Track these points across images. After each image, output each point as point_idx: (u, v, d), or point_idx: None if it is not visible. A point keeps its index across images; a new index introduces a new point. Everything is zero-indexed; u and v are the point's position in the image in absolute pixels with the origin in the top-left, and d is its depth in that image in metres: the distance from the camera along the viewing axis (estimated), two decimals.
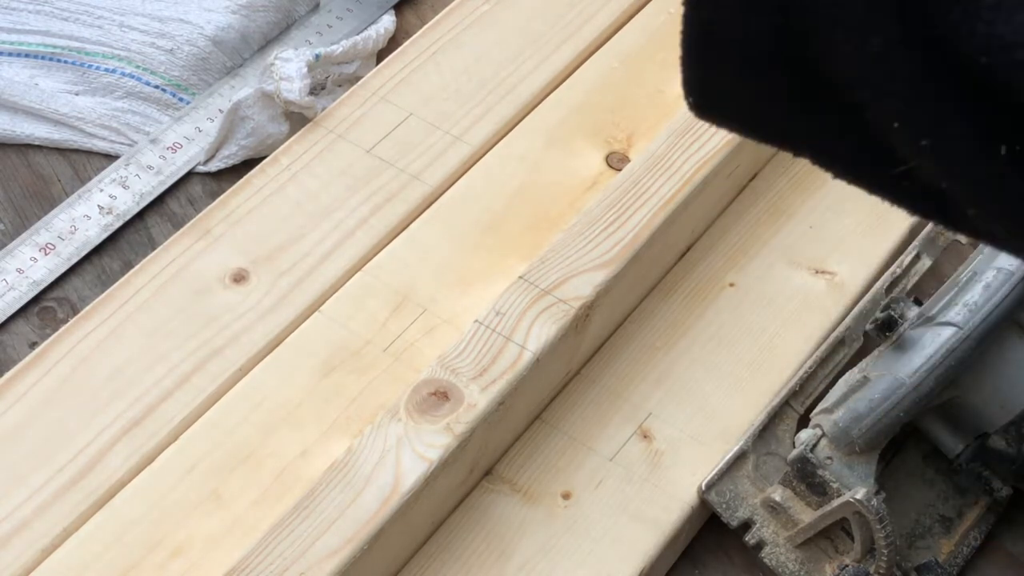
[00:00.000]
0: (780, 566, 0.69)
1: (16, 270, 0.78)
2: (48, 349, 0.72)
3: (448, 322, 0.74)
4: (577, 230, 0.74)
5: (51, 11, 0.89)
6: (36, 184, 0.84)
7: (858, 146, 0.37)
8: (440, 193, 0.80)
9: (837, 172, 0.39)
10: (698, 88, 0.40)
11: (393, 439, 0.65)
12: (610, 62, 0.87)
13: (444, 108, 0.84)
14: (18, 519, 0.66)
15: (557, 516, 0.70)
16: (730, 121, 0.41)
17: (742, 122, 0.40)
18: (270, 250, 0.77)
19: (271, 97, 0.82)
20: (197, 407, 0.70)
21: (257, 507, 0.67)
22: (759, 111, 0.39)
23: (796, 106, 0.38)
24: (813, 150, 0.39)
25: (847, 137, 0.37)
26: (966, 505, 0.72)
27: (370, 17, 0.92)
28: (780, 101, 0.38)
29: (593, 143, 0.83)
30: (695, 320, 0.77)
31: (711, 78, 0.40)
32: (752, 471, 0.71)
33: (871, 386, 0.68)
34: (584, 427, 0.73)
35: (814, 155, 0.39)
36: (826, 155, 0.39)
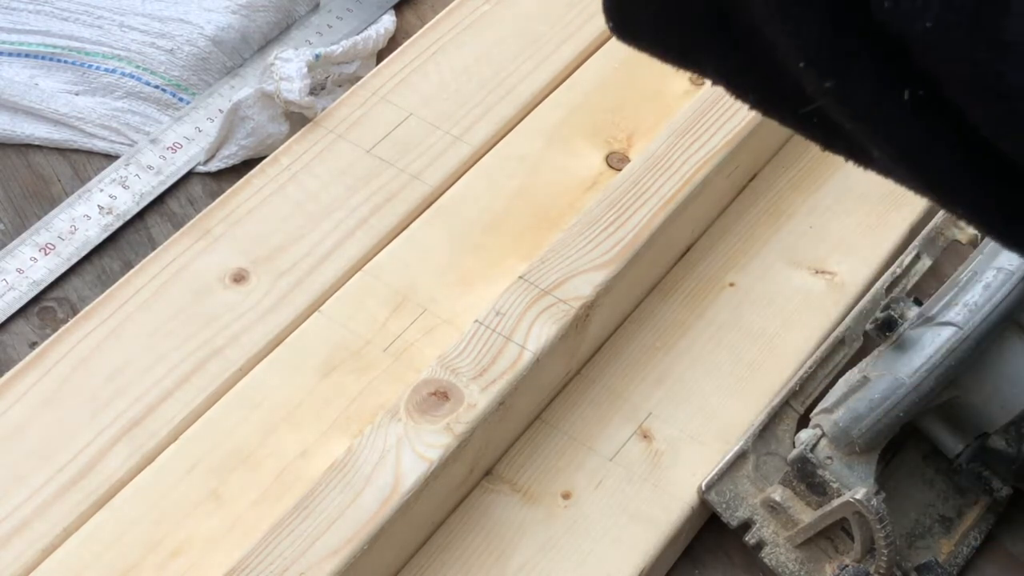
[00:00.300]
0: (780, 566, 0.69)
1: (16, 270, 0.78)
2: (48, 349, 0.72)
3: (448, 322, 0.74)
4: (577, 230, 0.74)
5: (51, 11, 0.89)
6: (36, 184, 0.84)
7: (769, 82, 0.38)
8: (440, 193, 0.80)
9: (751, 104, 0.40)
10: (618, 14, 0.41)
11: (393, 439, 0.65)
12: (610, 62, 0.87)
13: (444, 108, 0.84)
14: (18, 519, 0.66)
15: (557, 516, 0.70)
16: (648, 45, 0.41)
17: (658, 46, 0.41)
18: (270, 250, 0.77)
19: (271, 97, 0.82)
20: (197, 407, 0.70)
21: (257, 507, 0.67)
22: (675, 36, 0.40)
23: (709, 36, 0.38)
24: (726, 81, 0.40)
25: (758, 73, 0.38)
26: (966, 505, 0.72)
27: (370, 17, 0.92)
28: (696, 37, 0.39)
29: (593, 143, 0.83)
30: (695, 320, 0.77)
31: (630, 7, 0.40)
32: (752, 471, 0.71)
33: (871, 386, 0.68)
34: (584, 427, 0.73)
35: (728, 85, 0.40)
36: (738, 87, 0.40)
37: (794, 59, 0.35)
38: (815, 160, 0.85)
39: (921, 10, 0.32)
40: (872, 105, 0.34)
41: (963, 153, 0.34)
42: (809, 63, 0.35)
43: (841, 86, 0.35)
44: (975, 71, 0.32)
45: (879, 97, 0.34)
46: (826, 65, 0.35)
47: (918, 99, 0.34)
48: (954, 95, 0.33)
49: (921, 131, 0.34)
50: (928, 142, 0.34)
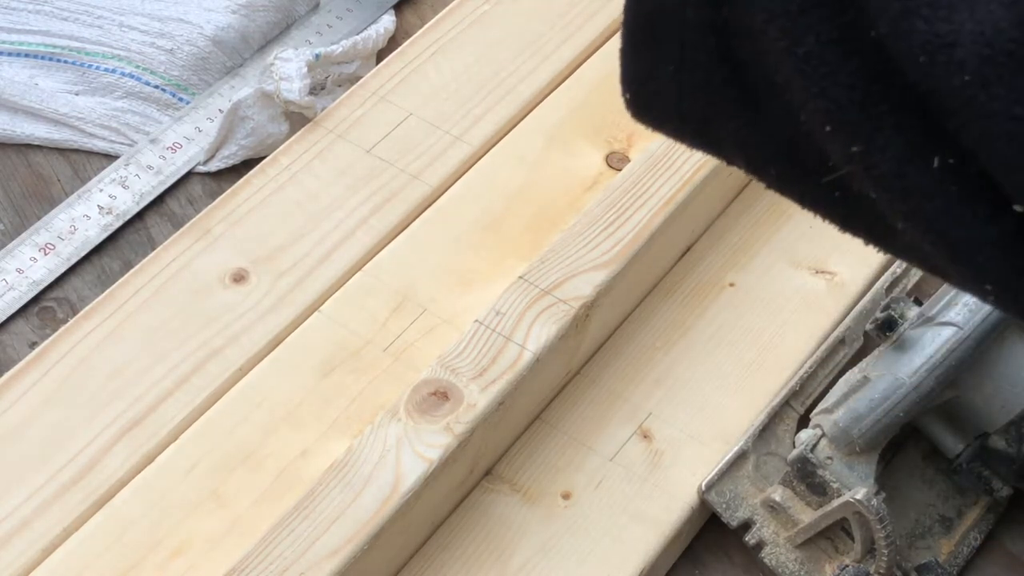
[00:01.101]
0: (780, 566, 0.69)
1: (16, 270, 0.78)
2: (48, 349, 0.72)
3: (448, 322, 0.74)
4: (577, 230, 0.74)
5: (51, 11, 0.89)
6: (36, 184, 0.84)
7: (790, 153, 0.36)
8: (440, 193, 0.80)
9: (769, 181, 0.38)
10: (635, 84, 0.40)
11: (393, 439, 0.65)
12: (610, 62, 0.87)
13: (444, 108, 0.84)
14: (18, 519, 0.66)
15: (557, 516, 0.70)
16: (664, 123, 0.40)
17: (676, 125, 0.40)
18: (270, 250, 0.77)
19: (271, 97, 0.82)
20: (197, 407, 0.70)
21: (257, 507, 0.67)
22: (693, 111, 0.38)
23: (731, 106, 0.37)
24: (746, 157, 0.38)
25: (779, 143, 0.36)
26: (966, 505, 0.72)
27: (370, 17, 0.92)
28: (715, 100, 0.37)
29: (593, 143, 0.83)
30: (695, 320, 0.77)
31: (648, 73, 0.39)
32: (752, 471, 0.71)
33: (871, 386, 0.68)
34: (584, 427, 0.73)
35: (747, 163, 0.38)
36: (758, 161, 0.38)
37: (820, 123, 0.34)
38: None
39: (958, 65, 0.30)
40: (900, 172, 0.33)
41: (995, 225, 0.32)
42: (836, 127, 0.34)
43: (868, 152, 0.33)
44: (1013, 129, 0.30)
45: (907, 164, 0.33)
46: (853, 129, 0.33)
47: (948, 167, 0.32)
48: (988, 160, 0.31)
49: (950, 200, 0.33)
50: (957, 212, 0.33)
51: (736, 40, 0.36)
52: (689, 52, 0.37)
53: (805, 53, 0.33)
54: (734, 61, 0.36)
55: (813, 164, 0.36)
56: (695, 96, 0.38)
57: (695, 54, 0.37)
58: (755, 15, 0.34)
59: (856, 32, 0.33)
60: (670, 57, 0.38)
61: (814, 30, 0.33)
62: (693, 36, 0.37)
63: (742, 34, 0.35)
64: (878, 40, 0.32)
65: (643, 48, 0.39)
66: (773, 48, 0.34)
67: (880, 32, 0.32)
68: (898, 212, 0.34)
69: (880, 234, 0.36)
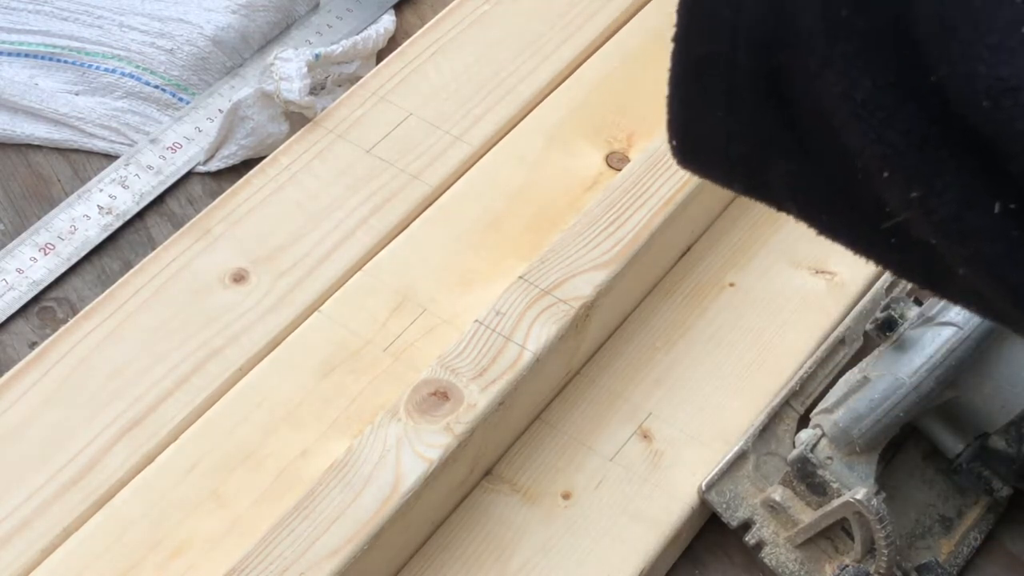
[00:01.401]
0: (780, 566, 0.69)
1: (16, 270, 0.78)
2: (48, 349, 0.72)
3: (448, 322, 0.74)
4: (577, 230, 0.74)
5: (51, 11, 0.89)
6: (36, 184, 0.84)
7: (845, 197, 0.36)
8: (440, 193, 0.80)
9: (820, 227, 0.38)
10: (682, 130, 0.39)
11: (393, 439, 0.65)
12: (610, 62, 0.87)
13: (444, 108, 0.84)
14: (18, 519, 0.66)
15: (557, 516, 0.70)
16: (712, 168, 0.39)
17: (725, 169, 0.39)
18: (270, 250, 0.77)
19: (271, 97, 0.82)
20: (197, 407, 0.70)
21: (257, 507, 0.67)
22: (744, 156, 0.38)
23: (782, 151, 0.36)
24: (797, 203, 0.38)
25: (833, 186, 0.36)
26: (966, 505, 0.72)
27: (370, 17, 0.92)
28: (765, 145, 0.37)
29: (593, 143, 0.83)
30: (695, 320, 0.77)
31: (697, 119, 0.38)
32: (752, 471, 0.71)
33: (871, 386, 0.68)
34: (584, 427, 0.73)
35: (798, 208, 0.38)
36: (810, 208, 0.37)
37: (877, 168, 0.33)
38: None
39: (1022, 109, 0.30)
40: (960, 217, 0.33)
41: None
42: (893, 172, 0.33)
43: (927, 197, 0.33)
44: None
45: (968, 208, 0.32)
46: (911, 174, 0.33)
47: (1009, 211, 0.32)
48: None
49: (1012, 244, 0.32)
50: (1019, 256, 0.32)
51: (788, 85, 0.35)
52: (738, 97, 0.36)
53: (862, 98, 0.33)
54: (785, 106, 0.35)
55: (869, 210, 0.35)
56: (744, 141, 0.37)
57: (744, 99, 0.36)
58: (810, 60, 0.34)
59: (914, 76, 0.32)
60: (718, 102, 0.37)
61: (871, 74, 0.33)
62: (742, 80, 0.36)
63: (795, 79, 0.35)
64: (937, 84, 0.32)
65: (691, 93, 0.38)
66: (829, 93, 0.34)
67: (940, 76, 0.32)
68: (958, 257, 0.33)
69: (938, 279, 0.36)
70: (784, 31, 0.34)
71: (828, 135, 0.35)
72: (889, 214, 0.34)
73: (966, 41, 0.31)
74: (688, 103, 0.39)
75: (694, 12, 0.37)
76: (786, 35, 0.34)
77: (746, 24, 0.35)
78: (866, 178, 0.34)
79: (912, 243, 0.35)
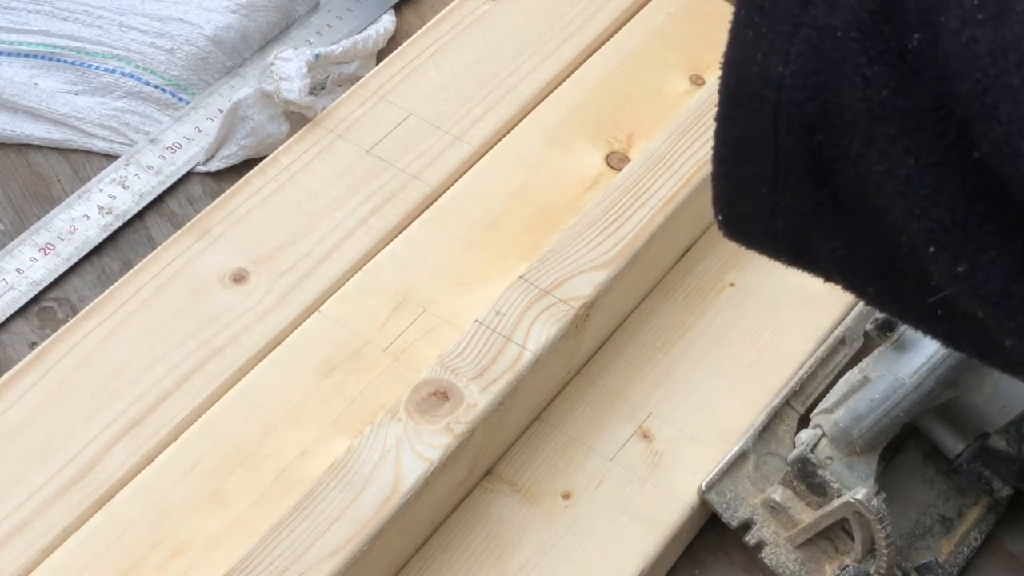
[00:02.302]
0: (780, 566, 0.69)
1: (16, 270, 0.78)
2: (48, 349, 0.72)
3: (448, 322, 0.74)
4: (577, 230, 0.74)
5: (51, 11, 0.89)
6: (36, 184, 0.84)
7: (890, 272, 0.36)
8: (440, 193, 0.80)
9: (868, 299, 0.38)
10: (728, 205, 0.40)
11: (393, 439, 0.65)
12: (610, 62, 0.87)
13: (444, 108, 0.84)
14: (18, 519, 0.66)
15: (557, 516, 0.70)
16: (759, 242, 0.40)
17: (771, 244, 0.39)
18: (270, 250, 0.77)
19: (271, 97, 0.82)
20: (197, 407, 0.70)
21: (257, 507, 0.67)
22: (790, 232, 0.38)
23: (827, 228, 0.37)
24: (844, 276, 0.38)
25: (878, 262, 0.36)
26: (966, 505, 0.72)
27: (370, 17, 0.92)
28: (811, 223, 0.37)
29: (593, 143, 0.83)
30: (695, 320, 0.77)
31: (741, 195, 0.39)
32: (752, 471, 0.71)
33: (871, 386, 0.68)
34: (584, 427, 0.73)
35: (845, 282, 0.38)
36: (857, 281, 0.38)
37: (923, 244, 0.34)
38: None
39: None
40: (1007, 291, 0.33)
41: None
42: (939, 248, 0.33)
43: (973, 271, 0.33)
44: None
45: (1014, 282, 0.33)
46: (957, 249, 0.33)
47: None
48: None
49: None
50: None
51: (832, 164, 0.35)
52: (782, 175, 0.37)
53: (906, 176, 0.33)
54: (830, 184, 0.36)
55: (915, 283, 0.35)
56: (789, 217, 0.38)
57: (788, 177, 0.37)
58: (852, 140, 0.34)
59: (958, 154, 0.32)
60: (762, 180, 0.37)
61: (914, 153, 0.33)
62: (786, 160, 0.36)
63: (838, 158, 0.35)
64: (981, 161, 0.32)
65: (734, 171, 0.39)
66: (872, 172, 0.34)
67: (983, 153, 0.32)
68: (1005, 329, 0.34)
69: (986, 350, 0.36)
70: (826, 113, 0.35)
71: (873, 212, 0.35)
72: (935, 288, 0.35)
73: (1007, 119, 0.31)
74: (732, 180, 0.39)
75: (735, 93, 0.37)
76: (828, 117, 0.35)
77: (787, 105, 0.36)
78: (912, 253, 0.34)
79: (960, 315, 0.35)
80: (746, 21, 0.36)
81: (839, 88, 0.34)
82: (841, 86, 0.34)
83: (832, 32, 0.34)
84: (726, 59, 0.38)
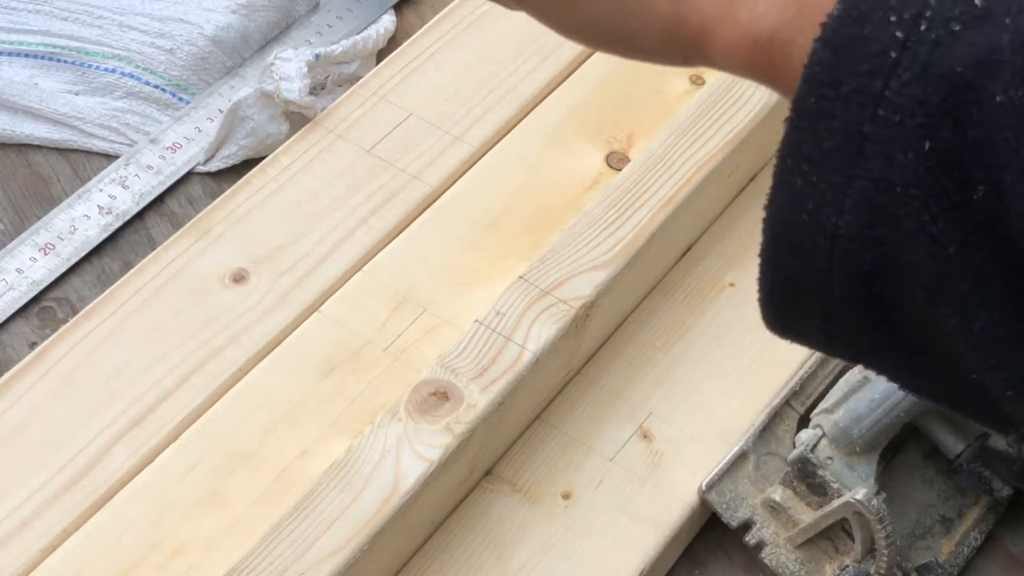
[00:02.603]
0: (780, 566, 0.69)
1: (16, 270, 0.78)
2: (48, 349, 0.72)
3: (448, 322, 0.74)
4: (577, 230, 0.74)
5: (51, 11, 0.89)
6: (36, 184, 0.84)
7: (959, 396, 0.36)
8: (440, 193, 0.80)
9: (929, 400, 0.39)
10: (779, 325, 0.41)
11: (393, 439, 0.65)
12: (610, 62, 0.87)
13: (444, 108, 0.84)
14: (18, 519, 0.66)
15: (557, 516, 0.69)
16: (813, 346, 0.40)
17: (825, 350, 0.40)
18: (270, 250, 0.77)
19: (271, 97, 0.82)
20: (197, 407, 0.70)
21: (257, 507, 0.67)
22: (846, 355, 0.38)
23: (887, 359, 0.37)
24: (903, 386, 0.39)
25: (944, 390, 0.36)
26: (966, 505, 0.72)
27: (370, 17, 0.92)
28: (869, 353, 0.37)
29: (593, 143, 0.83)
30: (695, 320, 0.77)
31: (793, 322, 0.39)
32: (752, 471, 0.71)
33: (871, 386, 0.68)
34: (584, 427, 0.73)
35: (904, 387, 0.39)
36: (917, 391, 0.38)
37: (1000, 389, 0.34)
38: None
39: None
40: None
41: None
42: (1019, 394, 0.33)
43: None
44: None
45: None
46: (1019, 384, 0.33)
47: None
48: None
49: None
50: None
51: (893, 309, 0.35)
52: (836, 316, 0.37)
53: (980, 328, 0.33)
54: (888, 324, 0.35)
55: (984, 405, 0.35)
56: (845, 347, 0.38)
57: (843, 318, 0.36)
58: (916, 292, 0.34)
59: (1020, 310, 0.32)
60: (814, 313, 0.37)
61: (988, 307, 0.33)
62: (841, 303, 0.36)
63: (900, 307, 0.35)
64: None
65: (784, 303, 0.39)
66: (943, 323, 0.34)
67: None
68: None
69: None
70: (885, 265, 0.34)
71: (940, 355, 0.35)
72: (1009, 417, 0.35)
73: None
74: (782, 310, 0.40)
75: (784, 238, 0.38)
76: (888, 269, 0.34)
77: (843, 255, 0.35)
78: (984, 393, 0.34)
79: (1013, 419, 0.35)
80: (792, 169, 0.36)
81: (901, 243, 0.34)
82: (904, 242, 0.34)
83: (890, 187, 0.34)
84: (772, 203, 0.38)
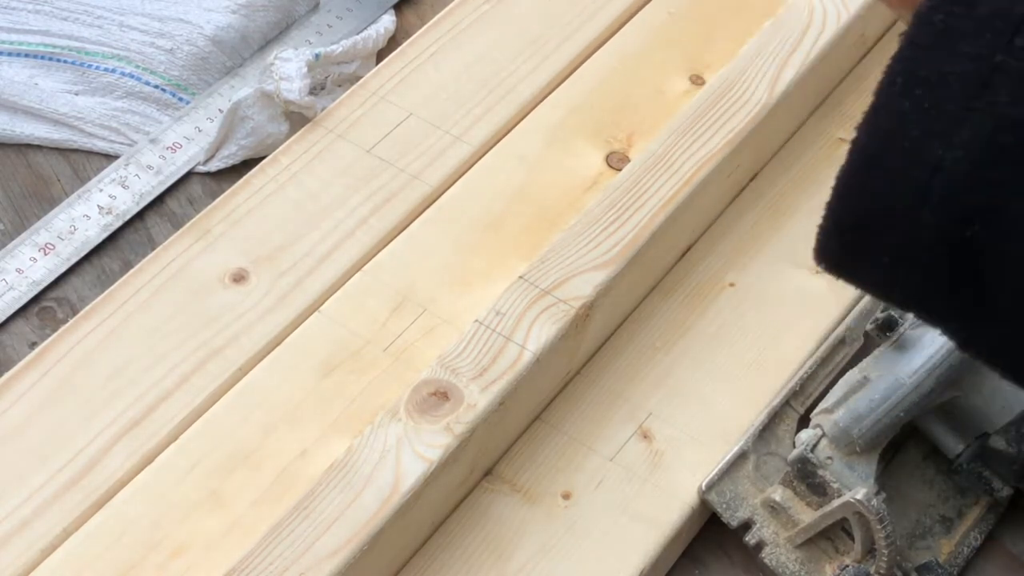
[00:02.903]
0: (780, 566, 0.69)
1: (16, 270, 0.78)
2: (48, 349, 0.72)
3: (448, 322, 0.74)
4: (577, 230, 0.74)
5: (51, 11, 0.89)
6: (36, 184, 0.84)
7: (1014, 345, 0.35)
8: (440, 193, 0.80)
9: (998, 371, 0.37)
10: (835, 261, 0.37)
11: (393, 439, 0.65)
12: (610, 62, 0.87)
13: (444, 108, 0.84)
14: (18, 519, 0.66)
15: (557, 516, 0.69)
16: (867, 288, 0.38)
17: (879, 293, 0.38)
18: (270, 250, 0.77)
19: (271, 97, 0.82)
20: (197, 407, 0.70)
21: (257, 507, 0.67)
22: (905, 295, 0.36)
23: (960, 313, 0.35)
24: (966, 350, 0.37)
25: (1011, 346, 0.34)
26: (966, 505, 0.72)
27: (370, 17, 0.92)
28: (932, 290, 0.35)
29: (593, 143, 0.83)
30: (695, 320, 0.77)
31: (856, 258, 0.37)
32: (752, 471, 0.71)
33: (871, 386, 0.68)
34: (584, 427, 0.73)
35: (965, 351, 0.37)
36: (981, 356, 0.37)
37: None
38: (816, 159, 0.85)
39: None
40: None
41: None
42: None
43: None
44: None
45: None
46: None
47: None
48: None
49: None
50: None
51: (981, 256, 0.33)
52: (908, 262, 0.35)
53: None
54: (971, 281, 0.34)
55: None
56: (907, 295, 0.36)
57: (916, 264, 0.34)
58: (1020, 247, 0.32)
59: None
60: (883, 253, 0.35)
61: None
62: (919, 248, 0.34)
63: (994, 255, 0.33)
64: None
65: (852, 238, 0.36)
66: None
67: None
68: None
69: None
70: (992, 211, 0.32)
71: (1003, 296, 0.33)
72: None
73: None
74: (847, 244, 0.37)
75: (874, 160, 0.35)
76: (992, 215, 0.32)
77: (942, 190, 0.33)
78: None
79: None
80: (902, 90, 0.34)
81: (1016, 190, 0.32)
82: (1019, 190, 0.32)
83: (1015, 127, 0.31)
84: (869, 124, 0.35)
